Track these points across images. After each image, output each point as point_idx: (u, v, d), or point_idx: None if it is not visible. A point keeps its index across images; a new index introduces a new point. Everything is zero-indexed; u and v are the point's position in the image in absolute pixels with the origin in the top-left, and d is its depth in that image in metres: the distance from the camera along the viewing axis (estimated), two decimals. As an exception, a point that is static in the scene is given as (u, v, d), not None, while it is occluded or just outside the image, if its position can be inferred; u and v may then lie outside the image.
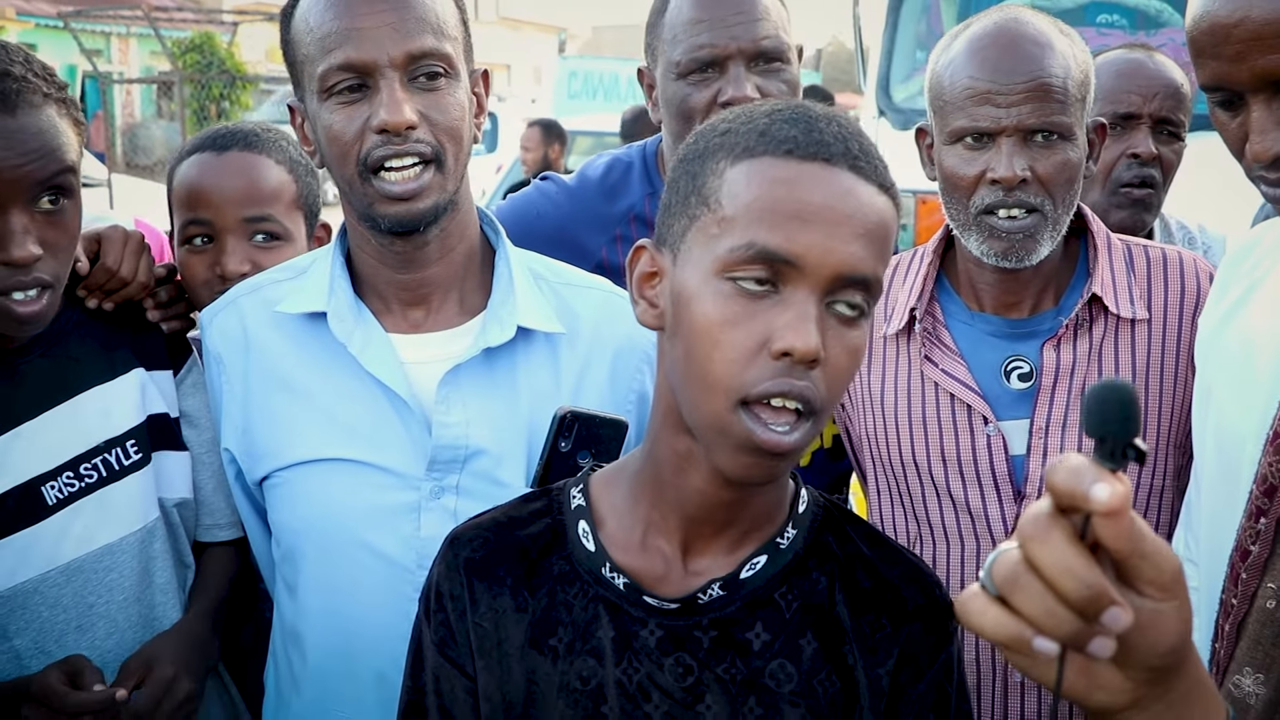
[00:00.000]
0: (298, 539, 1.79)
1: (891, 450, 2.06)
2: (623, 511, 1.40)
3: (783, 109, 1.29)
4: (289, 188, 2.16)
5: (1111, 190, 2.61)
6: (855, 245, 1.22)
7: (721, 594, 1.35)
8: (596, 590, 1.37)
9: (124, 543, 1.86)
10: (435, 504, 1.73)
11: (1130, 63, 2.65)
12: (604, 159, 2.64)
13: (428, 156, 1.70)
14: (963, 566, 1.99)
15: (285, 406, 1.80)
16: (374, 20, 1.67)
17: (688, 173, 1.31)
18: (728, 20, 2.25)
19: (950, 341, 2.03)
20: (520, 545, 1.42)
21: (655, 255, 1.34)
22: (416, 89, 1.69)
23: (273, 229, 2.12)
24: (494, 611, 1.39)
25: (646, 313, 1.34)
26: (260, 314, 1.85)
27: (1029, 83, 1.89)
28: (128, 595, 1.86)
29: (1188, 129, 2.68)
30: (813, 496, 1.44)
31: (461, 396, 1.75)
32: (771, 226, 1.21)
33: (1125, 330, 1.99)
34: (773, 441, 1.21)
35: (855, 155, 1.25)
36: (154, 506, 1.91)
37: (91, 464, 1.85)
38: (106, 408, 1.88)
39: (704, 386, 1.24)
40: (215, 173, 2.12)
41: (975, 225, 1.95)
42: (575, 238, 2.48)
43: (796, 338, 1.19)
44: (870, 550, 1.41)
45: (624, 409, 1.80)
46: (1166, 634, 0.88)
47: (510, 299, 1.79)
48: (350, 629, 1.75)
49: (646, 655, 1.34)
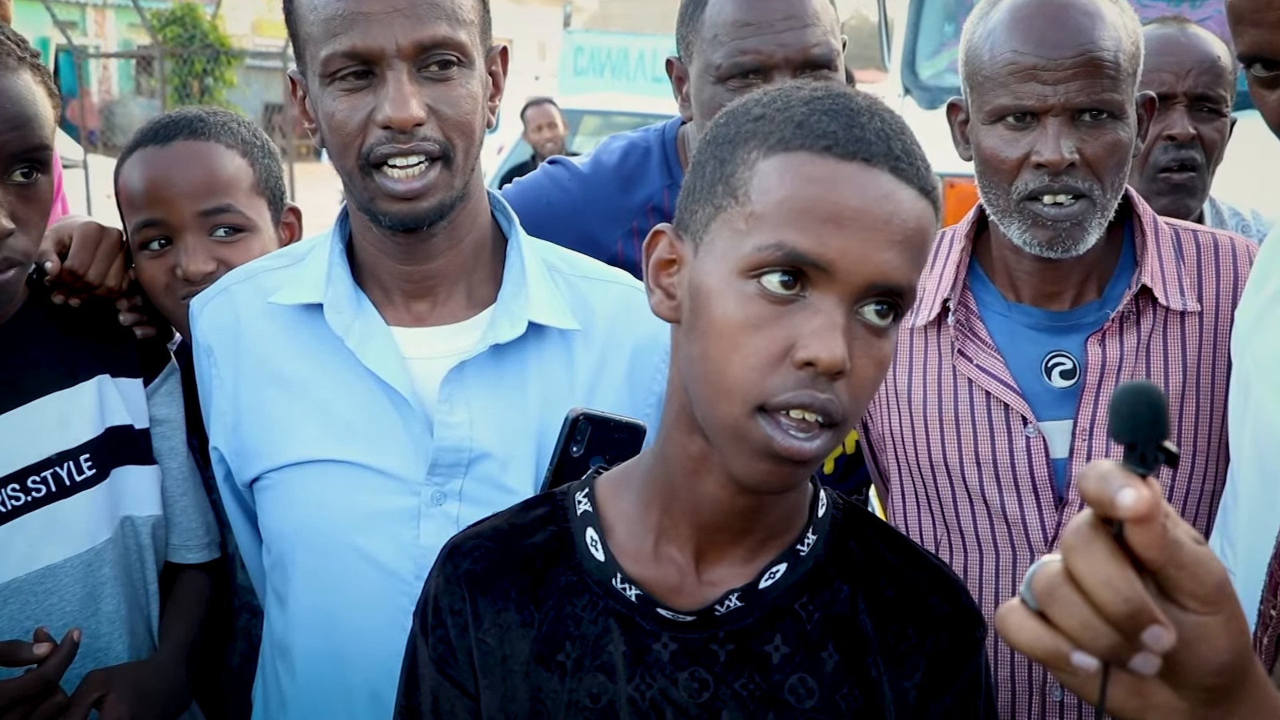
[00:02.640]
0: (288, 545, 1.77)
1: (919, 451, 2.02)
2: (633, 518, 1.40)
3: (822, 96, 1.27)
4: (246, 173, 2.07)
5: (1150, 176, 2.59)
6: (890, 253, 1.20)
7: (740, 605, 1.34)
8: (607, 602, 1.36)
9: (68, 565, 1.82)
10: (436, 510, 1.72)
11: (1161, 39, 2.61)
12: (620, 143, 2.61)
13: (435, 154, 1.67)
14: (998, 577, 1.96)
15: (278, 403, 1.78)
16: (382, 4, 1.62)
17: (715, 157, 1.29)
18: (777, 26, 2.20)
19: (985, 335, 1.99)
20: (524, 555, 1.41)
21: (675, 242, 1.33)
22: (426, 79, 1.66)
23: (234, 220, 2.03)
24: (498, 626, 1.38)
25: (662, 303, 1.33)
26: (254, 303, 1.82)
27: (1078, 57, 1.84)
28: (68, 622, 1.81)
29: (1232, 104, 2.64)
30: (832, 499, 1.44)
31: (466, 395, 1.73)
32: (803, 228, 1.19)
33: (1175, 323, 1.96)
34: (793, 448, 1.21)
35: (897, 155, 1.23)
36: (105, 528, 1.87)
37: (41, 477, 1.80)
38: (63, 417, 1.84)
39: (720, 389, 1.23)
40: (162, 167, 2.03)
41: (1017, 212, 1.92)
42: (588, 229, 2.46)
43: (822, 348, 1.18)
44: (894, 556, 1.40)
45: (642, 412, 1.78)
46: (1216, 650, 0.88)
47: (522, 292, 1.77)
48: (342, 642, 1.74)
49: (660, 670, 1.33)
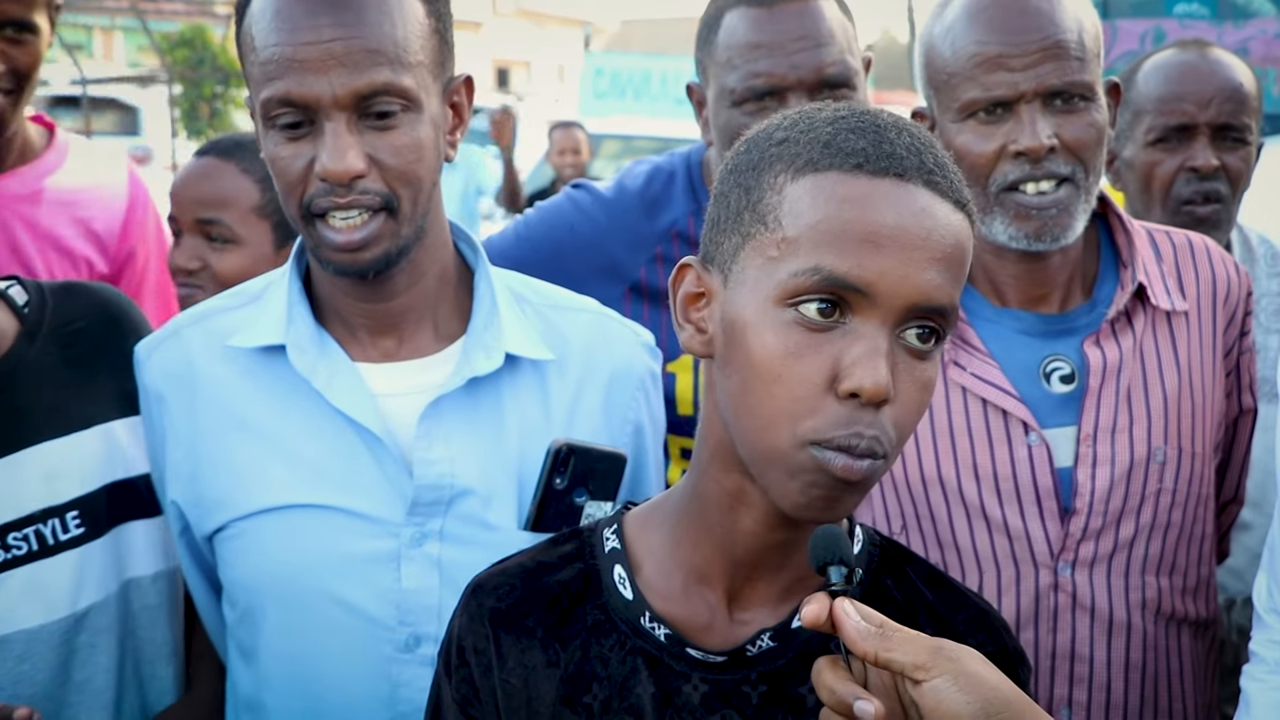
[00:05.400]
0: (257, 597, 1.74)
1: (909, 467, 1.97)
2: (662, 555, 1.40)
3: (846, 115, 1.27)
4: (249, 195, 2.42)
5: (1173, 210, 2.57)
6: (931, 272, 1.20)
7: (772, 645, 1.34)
8: (635, 642, 1.37)
9: (44, 631, 1.77)
10: (417, 552, 1.70)
11: (1180, 67, 2.61)
12: (644, 167, 2.62)
13: (376, 206, 1.65)
14: (1000, 595, 1.94)
15: (242, 449, 1.75)
16: (318, 51, 1.59)
17: (740, 185, 1.29)
18: (788, 47, 2.20)
19: (977, 341, 1.96)
20: (550, 593, 1.41)
21: (702, 275, 1.33)
22: (368, 128, 1.63)
23: (222, 233, 2.42)
24: (523, 667, 1.39)
25: (694, 338, 1.33)
26: (209, 347, 1.79)
27: (1044, 40, 1.85)
28: (37, 691, 1.76)
29: (1258, 130, 2.63)
30: (868, 535, 1.44)
31: (444, 431, 1.72)
32: (840, 251, 1.19)
33: (1163, 323, 1.97)
34: (846, 467, 1.20)
35: (930, 169, 1.23)
36: (93, 590, 1.82)
37: (22, 534, 1.76)
38: (52, 469, 1.80)
39: (766, 422, 1.22)
40: (183, 176, 2.50)
41: (998, 206, 1.91)
42: (611, 255, 2.46)
43: (866, 375, 1.18)
44: (933, 594, 1.40)
45: (620, 441, 1.80)
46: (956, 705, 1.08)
47: (495, 323, 1.76)
48: (321, 697, 1.71)
49: (690, 713, 1.34)
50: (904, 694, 1.13)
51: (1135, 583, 1.94)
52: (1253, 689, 1.75)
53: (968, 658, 1.11)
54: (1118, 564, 1.93)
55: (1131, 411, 1.93)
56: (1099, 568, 1.92)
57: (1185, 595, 1.99)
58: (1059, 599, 1.92)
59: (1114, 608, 1.93)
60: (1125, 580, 1.93)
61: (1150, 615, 1.95)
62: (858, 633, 1.12)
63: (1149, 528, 1.94)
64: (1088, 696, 1.93)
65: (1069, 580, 1.92)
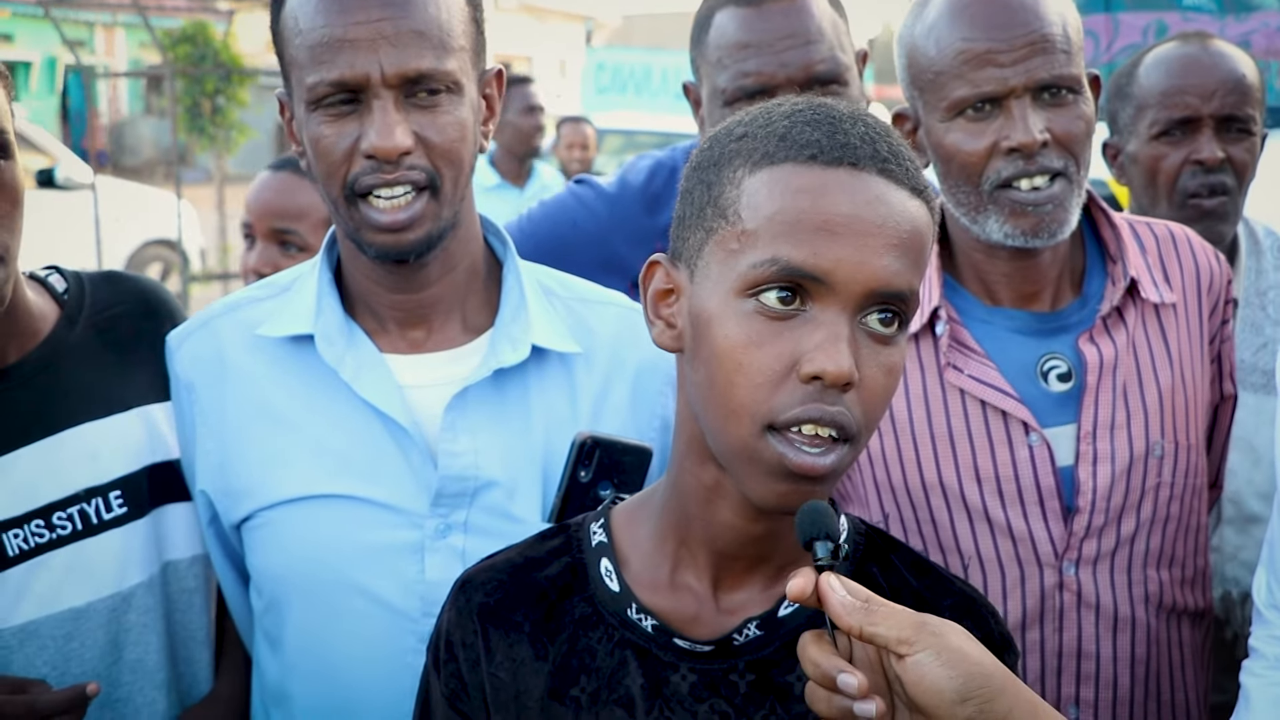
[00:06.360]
0: (283, 586, 1.76)
1: (908, 473, 1.98)
2: (648, 548, 1.41)
3: (803, 109, 1.30)
4: (320, 209, 2.59)
5: (1179, 203, 2.57)
6: (888, 258, 1.22)
7: (759, 634, 1.36)
8: (622, 634, 1.38)
9: (92, 609, 1.80)
10: (441, 543, 1.72)
11: (1182, 59, 2.61)
12: (646, 162, 2.64)
13: (421, 183, 1.68)
14: (1004, 598, 1.94)
15: (269, 438, 1.77)
16: (367, 30, 1.63)
17: (702, 181, 1.32)
18: (776, 45, 2.22)
19: (972, 342, 1.96)
20: (538, 588, 1.43)
21: (671, 271, 1.35)
22: (413, 106, 1.67)
23: (295, 241, 2.68)
24: (511, 661, 1.40)
25: (664, 334, 1.35)
26: (238, 337, 1.82)
27: (1031, 34, 1.86)
28: (86, 670, 1.79)
29: (1261, 121, 2.63)
30: (853, 524, 1.45)
31: (469, 423, 1.74)
32: (797, 241, 1.22)
33: (1153, 316, 1.98)
34: (806, 464, 1.22)
35: (884, 157, 1.25)
36: (137, 570, 1.84)
37: (66, 514, 1.78)
38: (93, 450, 1.82)
39: (729, 412, 1.25)
40: (258, 188, 2.77)
41: (992, 203, 1.90)
42: (615, 251, 2.49)
43: (828, 360, 1.20)
44: (918, 581, 1.42)
45: (646, 435, 1.81)
46: (938, 679, 1.10)
47: (522, 316, 1.78)
48: (346, 685, 1.73)
49: (679, 703, 1.35)
50: (888, 668, 1.15)
51: (1138, 577, 1.95)
52: (1252, 685, 1.75)
53: (951, 633, 1.13)
54: (1120, 560, 1.94)
55: (1129, 407, 1.94)
56: (1102, 565, 1.93)
57: (1184, 587, 2.00)
58: (1064, 598, 1.93)
59: (1118, 603, 1.94)
60: (1128, 575, 1.94)
61: (1152, 608, 1.96)
62: (843, 606, 1.13)
63: (1149, 522, 1.95)
64: (1095, 693, 1.94)
65: (1073, 579, 1.93)
